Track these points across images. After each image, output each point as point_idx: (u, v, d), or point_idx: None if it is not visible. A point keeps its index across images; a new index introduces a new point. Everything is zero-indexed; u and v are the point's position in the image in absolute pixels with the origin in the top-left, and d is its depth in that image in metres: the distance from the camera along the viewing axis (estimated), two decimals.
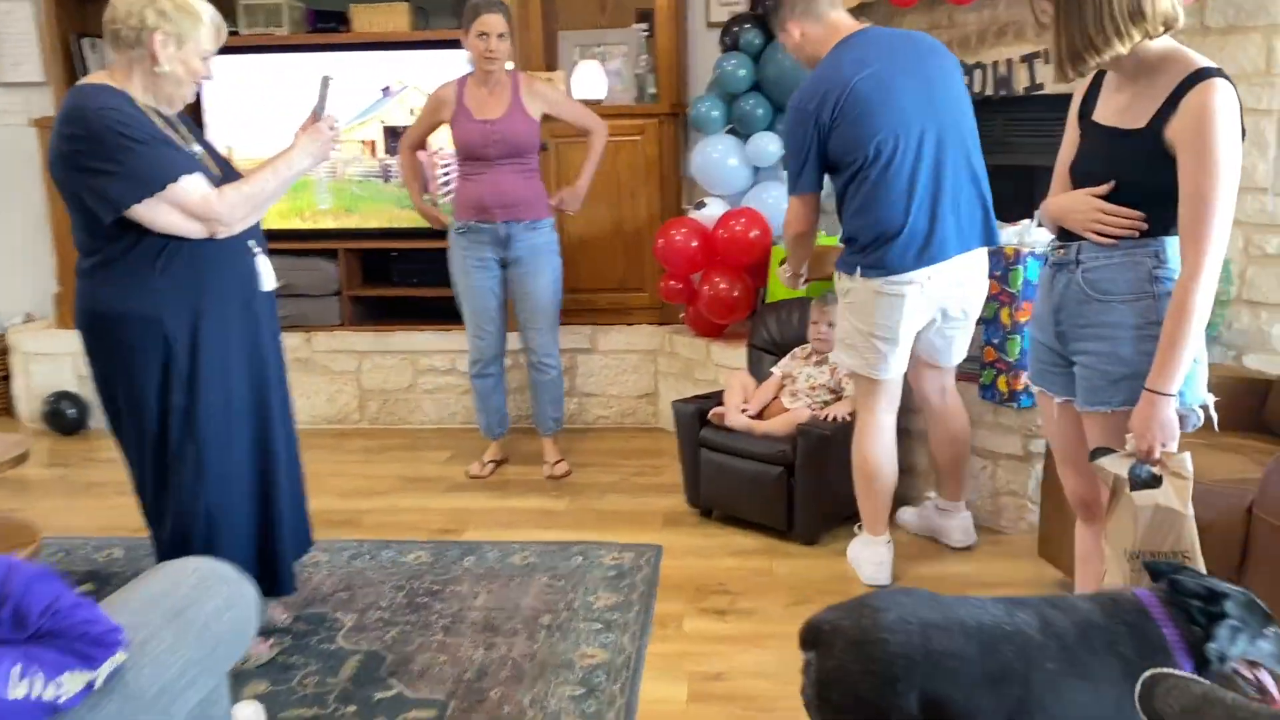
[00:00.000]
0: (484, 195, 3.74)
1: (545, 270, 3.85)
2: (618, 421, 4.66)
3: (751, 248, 4.02)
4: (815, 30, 2.81)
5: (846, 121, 2.70)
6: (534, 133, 3.78)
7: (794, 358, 3.57)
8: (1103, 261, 2.09)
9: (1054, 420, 2.31)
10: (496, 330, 3.91)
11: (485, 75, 3.70)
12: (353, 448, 4.48)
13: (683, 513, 3.63)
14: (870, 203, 2.74)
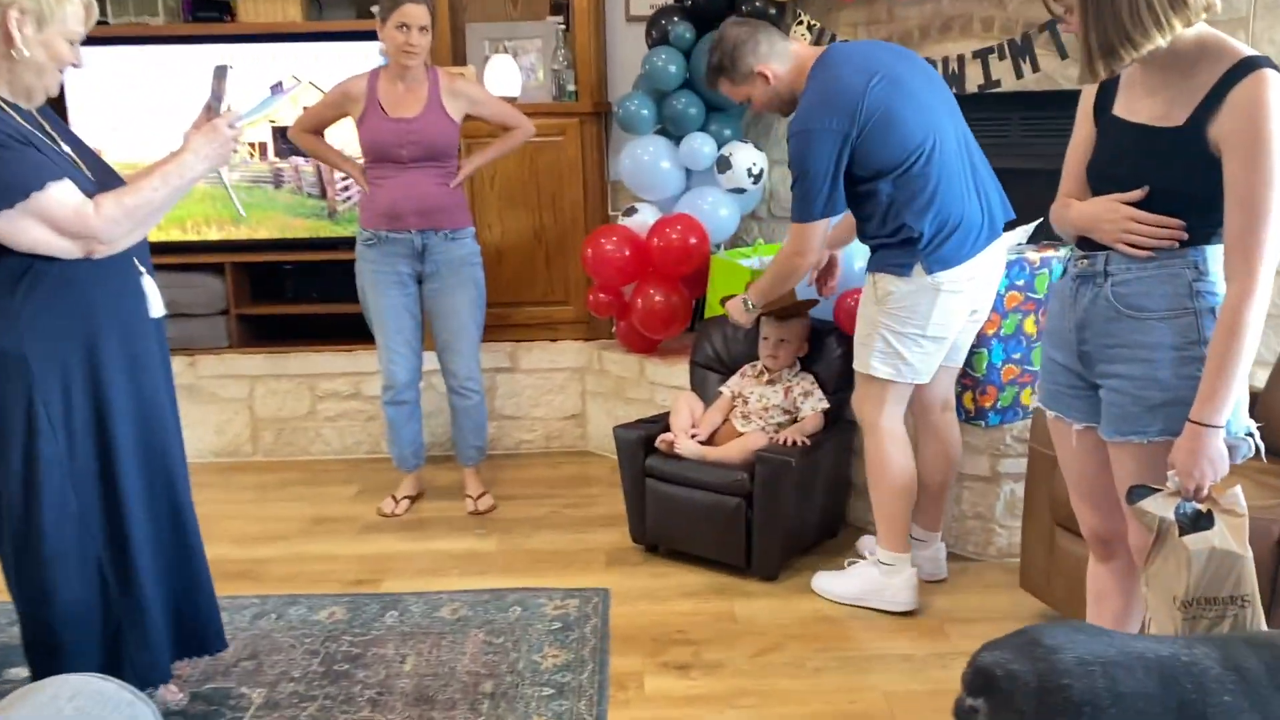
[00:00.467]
0: (397, 201, 3.36)
1: (467, 285, 3.49)
2: (543, 446, 4.30)
3: (689, 256, 3.73)
4: (784, 68, 2.70)
5: (879, 127, 2.55)
6: (454, 135, 3.43)
7: (744, 376, 3.29)
8: (1135, 274, 1.85)
9: (1071, 449, 2.07)
10: (412, 353, 3.53)
11: (402, 70, 3.33)
12: (246, 484, 4.02)
13: (626, 549, 3.30)
14: (934, 197, 2.58)
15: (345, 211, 4.20)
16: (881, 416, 2.77)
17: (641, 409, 4.00)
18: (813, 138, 2.56)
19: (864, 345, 2.74)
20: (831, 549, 3.26)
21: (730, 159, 3.78)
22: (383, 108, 3.34)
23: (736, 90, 2.74)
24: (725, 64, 2.70)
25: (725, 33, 2.71)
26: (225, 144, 2.11)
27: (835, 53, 2.69)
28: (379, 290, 3.44)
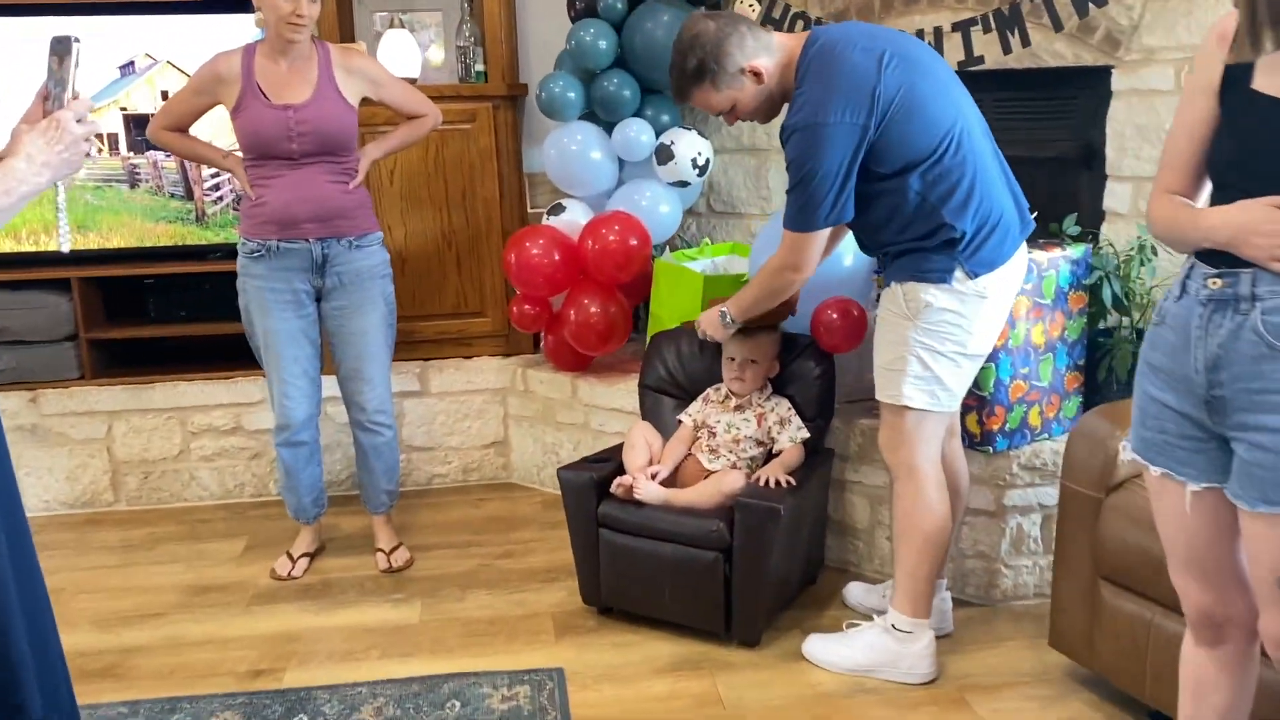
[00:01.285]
0: (290, 205, 2.80)
1: (376, 302, 2.95)
2: (460, 479, 3.76)
3: (629, 261, 3.23)
4: (773, 62, 2.26)
5: (902, 113, 2.15)
6: (352, 122, 2.87)
7: (707, 402, 2.82)
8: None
9: (1181, 513, 1.66)
10: (310, 384, 2.95)
11: (285, 46, 2.76)
12: (107, 542, 3.37)
13: (577, 612, 2.80)
14: (973, 188, 2.20)
15: (216, 215, 3.56)
16: (918, 456, 2.34)
17: (575, 435, 3.51)
18: (824, 133, 2.12)
19: (893, 371, 2.30)
20: (813, 599, 2.83)
21: (672, 148, 3.29)
22: (263, 92, 2.77)
23: (720, 97, 2.28)
24: (710, 65, 2.22)
25: (699, 29, 2.24)
26: (73, 146, 1.52)
27: (830, 35, 2.23)
28: (269, 312, 2.86)
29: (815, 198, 2.17)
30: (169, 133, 2.90)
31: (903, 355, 2.27)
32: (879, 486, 2.90)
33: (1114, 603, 2.18)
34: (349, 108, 2.85)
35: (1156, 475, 1.66)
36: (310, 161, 2.80)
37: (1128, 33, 2.83)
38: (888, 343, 2.31)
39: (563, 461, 3.56)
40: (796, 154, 2.17)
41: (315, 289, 2.90)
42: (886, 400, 2.34)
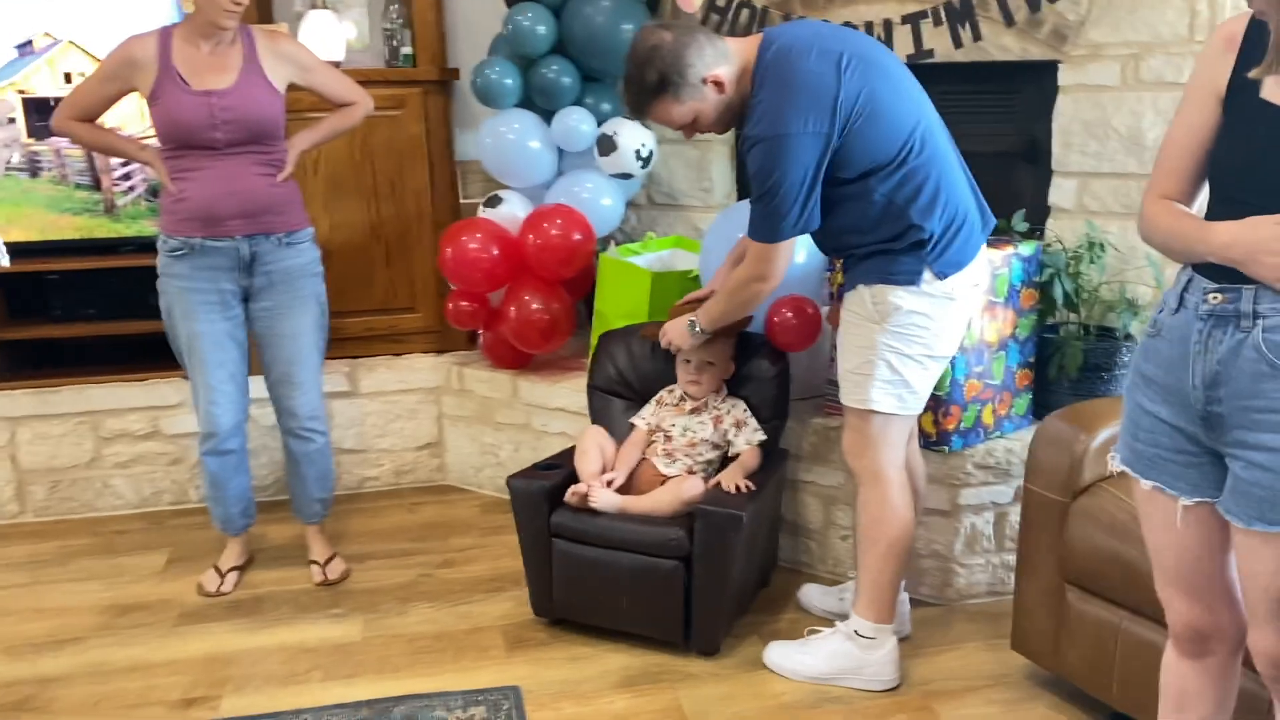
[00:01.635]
0: (215, 200, 2.61)
1: (308, 302, 2.80)
2: (392, 483, 3.61)
3: (572, 256, 3.13)
4: (730, 70, 2.17)
5: (864, 119, 2.08)
6: (279, 109, 2.69)
7: (661, 405, 2.73)
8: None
9: (1171, 528, 1.63)
10: (237, 390, 2.79)
11: (213, 31, 2.57)
12: (16, 557, 3.14)
13: (527, 624, 2.70)
14: (939, 188, 2.16)
15: (126, 206, 3.34)
16: (883, 460, 2.30)
17: (515, 435, 3.40)
18: (785, 144, 2.06)
19: (860, 375, 2.25)
20: (768, 602, 2.78)
21: (615, 139, 3.18)
22: (182, 77, 2.57)
23: (682, 110, 2.18)
24: (672, 78, 2.13)
25: (656, 40, 2.14)
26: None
27: (784, 40, 2.15)
28: (194, 314, 2.68)
29: (781, 209, 2.11)
30: (76, 123, 2.68)
31: (870, 359, 2.22)
32: (833, 486, 2.86)
33: (1080, 607, 2.18)
34: (276, 94, 2.67)
35: (1147, 489, 1.64)
36: (235, 152, 2.61)
37: (1075, 28, 2.82)
38: (854, 347, 2.26)
39: (502, 463, 3.47)
40: (759, 165, 2.10)
41: (243, 289, 2.72)
42: (853, 405, 2.29)
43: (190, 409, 3.34)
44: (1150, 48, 2.75)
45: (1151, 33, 2.74)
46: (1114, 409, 2.26)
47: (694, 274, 3.07)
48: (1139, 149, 2.80)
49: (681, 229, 3.60)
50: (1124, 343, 2.76)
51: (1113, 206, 2.87)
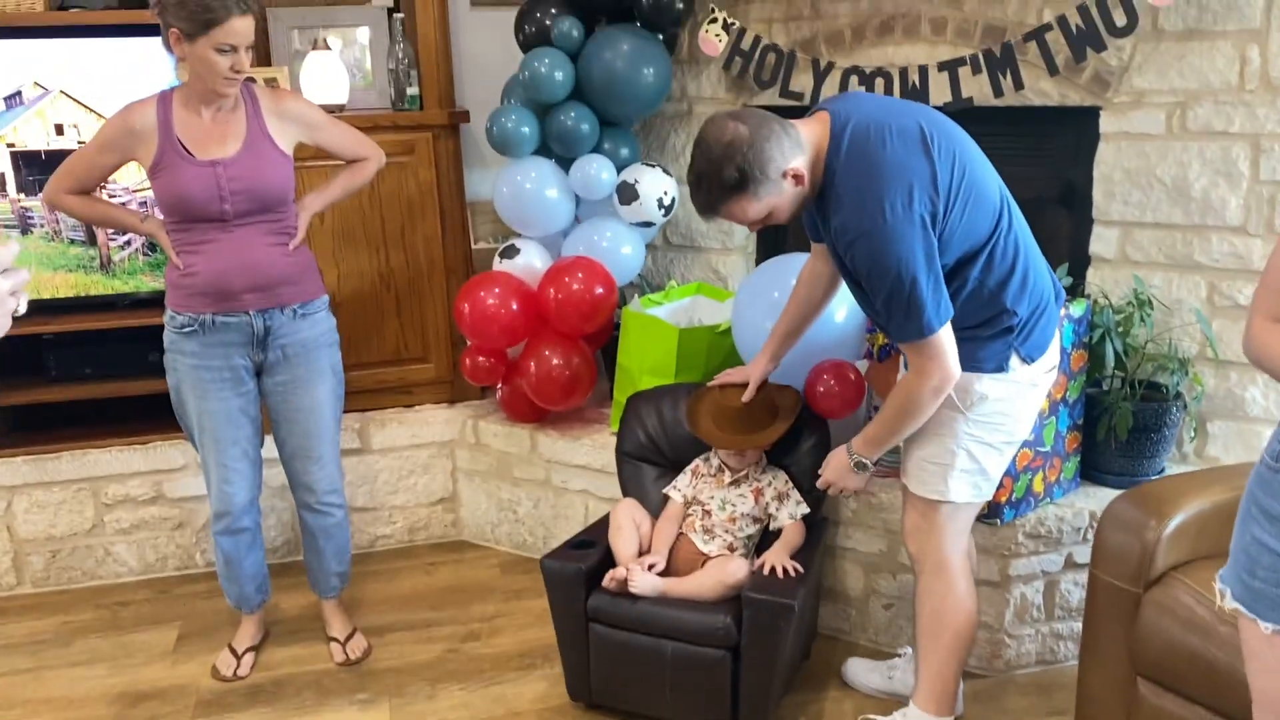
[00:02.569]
0: (225, 274, 2.47)
1: (324, 374, 2.67)
2: (406, 540, 3.49)
3: (595, 310, 3.01)
4: (805, 159, 1.99)
5: (963, 199, 1.95)
6: (289, 174, 2.54)
7: (698, 475, 2.62)
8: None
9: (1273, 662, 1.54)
10: (251, 467, 2.66)
11: (212, 98, 2.42)
12: (16, 636, 2.99)
13: (562, 708, 2.59)
14: (1027, 269, 2.05)
15: (123, 262, 3.19)
16: (949, 548, 2.20)
17: (535, 491, 3.28)
18: (894, 232, 1.88)
19: (936, 465, 2.13)
20: (811, 678, 2.68)
21: (636, 187, 3.06)
22: (185, 148, 2.42)
23: (759, 206, 1.98)
24: (754, 174, 1.93)
25: (732, 135, 1.93)
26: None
27: (856, 118, 1.97)
28: (205, 392, 2.55)
29: (915, 301, 1.91)
30: (71, 196, 2.51)
31: (950, 449, 2.11)
32: (874, 553, 2.76)
33: (1155, 701, 2.08)
34: (284, 158, 2.53)
35: (1267, 632, 1.53)
36: (245, 223, 2.47)
37: (1117, 74, 2.72)
38: (932, 435, 2.13)
39: (520, 519, 3.35)
40: (870, 262, 1.91)
41: (255, 364, 2.59)
42: (928, 496, 2.17)
43: (195, 471, 3.24)
44: (1198, 96, 2.65)
45: (1200, 80, 2.64)
46: (1184, 490, 2.18)
47: (722, 328, 2.96)
48: (1184, 199, 2.71)
49: (699, 272, 3.49)
50: (1173, 402, 2.67)
51: (1156, 257, 2.78)
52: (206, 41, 2.27)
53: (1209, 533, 2.13)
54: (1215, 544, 2.15)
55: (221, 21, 2.25)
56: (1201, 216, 2.71)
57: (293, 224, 2.58)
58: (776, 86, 3.07)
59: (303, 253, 2.61)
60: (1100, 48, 2.65)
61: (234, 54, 2.31)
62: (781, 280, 2.73)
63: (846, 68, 2.99)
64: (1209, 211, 2.70)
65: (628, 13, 3.14)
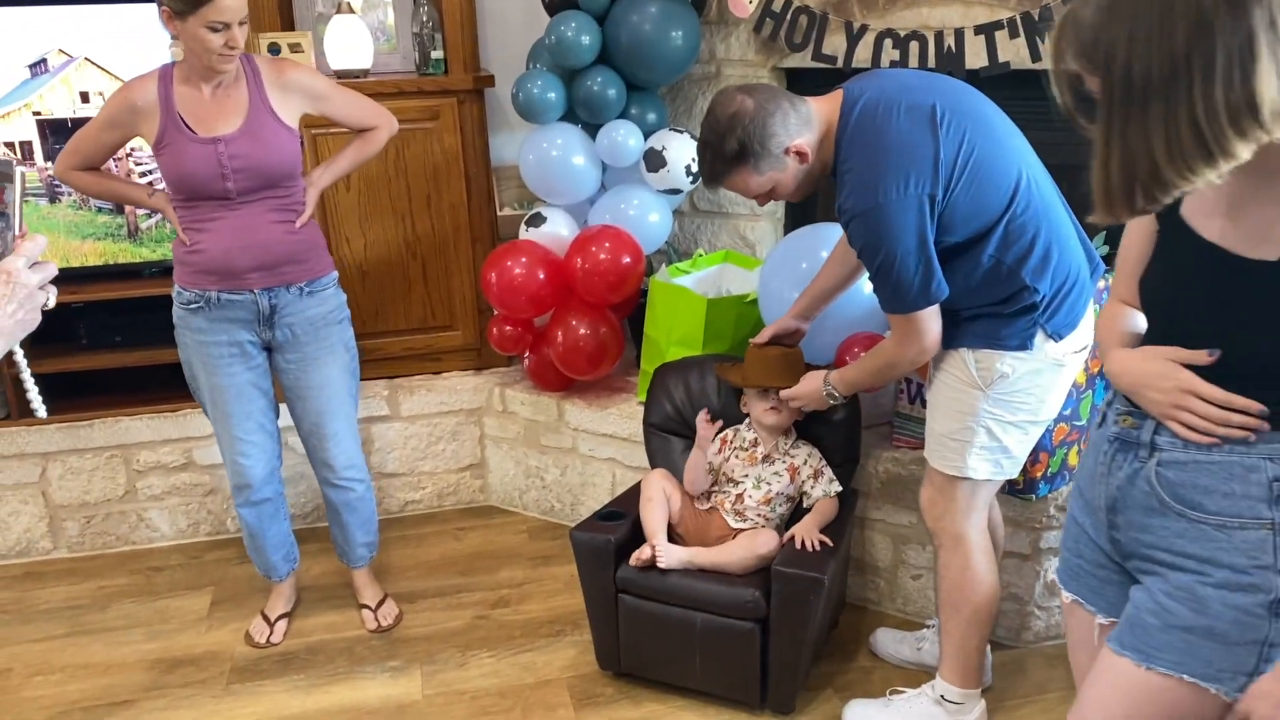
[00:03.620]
0: (230, 253, 2.44)
1: (336, 351, 2.63)
2: (434, 505, 3.51)
3: (623, 280, 2.99)
4: (814, 137, 2.02)
5: (969, 175, 1.93)
6: (295, 149, 2.48)
7: (731, 448, 2.60)
8: (1194, 456, 1.32)
9: (1091, 644, 1.55)
10: (267, 438, 2.66)
11: (209, 74, 2.36)
12: (53, 600, 3.04)
13: (591, 676, 2.61)
14: (1049, 246, 2.00)
15: (151, 230, 3.19)
16: (968, 524, 2.19)
17: (562, 459, 3.29)
18: (886, 213, 1.90)
19: (956, 441, 2.12)
20: (839, 647, 2.69)
21: (664, 153, 3.02)
22: (187, 124, 2.37)
23: (760, 180, 2.03)
24: (755, 148, 1.98)
25: (737, 107, 1.98)
26: (28, 301, 1.24)
27: (867, 96, 1.99)
28: (214, 367, 2.54)
29: (902, 281, 1.95)
30: (79, 173, 2.49)
31: (969, 426, 2.10)
32: (903, 525, 2.75)
33: None
34: (290, 132, 2.46)
35: (1068, 602, 1.57)
36: (250, 200, 2.42)
37: None
38: (951, 411, 2.13)
39: (548, 486, 3.37)
40: (863, 241, 1.95)
41: (264, 341, 2.57)
42: (946, 471, 2.16)
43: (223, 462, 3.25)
44: None
45: None
46: None
47: (750, 298, 2.93)
48: None
49: (727, 238, 3.45)
50: None
51: None
52: (197, 20, 2.21)
53: None
54: None
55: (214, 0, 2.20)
56: None
57: (300, 199, 2.54)
58: (809, 49, 3.01)
59: (310, 229, 2.57)
60: None
61: (227, 31, 2.25)
62: (810, 251, 2.70)
63: (880, 30, 2.93)
64: None
65: None
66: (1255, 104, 1.05)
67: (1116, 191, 1.14)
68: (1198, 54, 1.05)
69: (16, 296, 1.21)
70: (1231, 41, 1.04)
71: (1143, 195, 1.13)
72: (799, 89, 3.22)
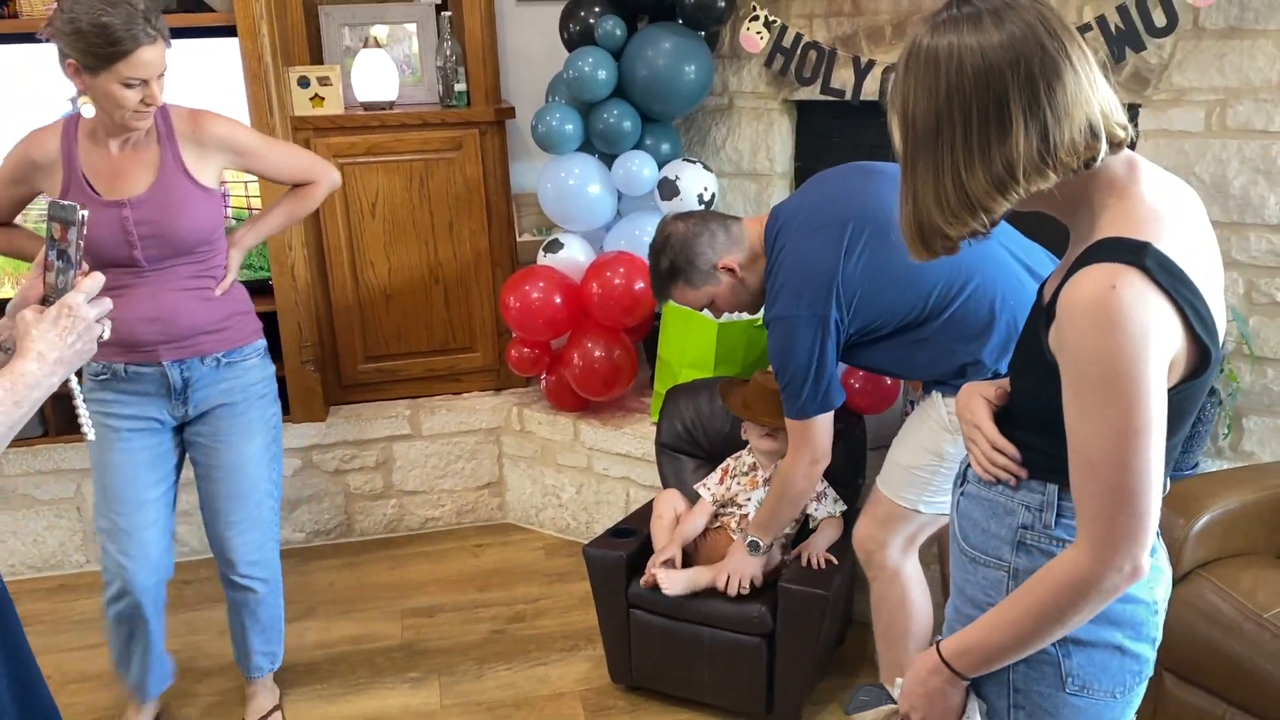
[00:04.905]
0: (134, 327, 2.17)
1: (254, 429, 2.36)
2: (454, 522, 3.61)
3: (636, 304, 3.09)
4: (744, 254, 2.25)
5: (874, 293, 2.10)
6: (209, 212, 2.23)
7: (730, 475, 2.68)
8: (980, 490, 1.36)
9: None
10: (160, 536, 2.34)
11: (119, 130, 2.11)
12: (85, 612, 3.16)
13: (604, 689, 2.70)
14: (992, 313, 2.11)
15: None
16: (906, 560, 2.29)
17: (577, 478, 3.39)
18: (788, 327, 2.12)
19: (917, 476, 2.19)
20: (844, 663, 2.76)
21: (677, 183, 3.14)
22: (90, 184, 2.12)
23: (696, 294, 2.29)
24: (681, 265, 2.24)
25: (669, 230, 2.27)
26: (86, 333, 1.34)
27: (788, 219, 2.19)
28: (110, 442, 2.24)
29: (797, 389, 2.15)
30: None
31: (933, 465, 2.17)
32: None
33: (1180, 695, 2.15)
34: (205, 194, 2.20)
35: None
36: (161, 268, 2.17)
37: (1157, 72, 2.74)
38: (919, 447, 2.20)
39: (564, 504, 3.46)
40: (771, 346, 2.17)
41: (176, 418, 2.30)
42: (900, 502, 2.23)
43: None
44: (1238, 94, 2.67)
45: (1240, 78, 2.65)
46: (1211, 490, 2.23)
47: (760, 322, 3.02)
48: (1223, 197, 2.73)
49: None
50: (1208, 398, 2.70)
51: None
52: (110, 75, 1.96)
53: (1236, 532, 2.18)
54: (1243, 543, 2.21)
55: (128, 54, 1.94)
56: (1240, 214, 2.72)
57: (221, 264, 2.29)
58: (818, 83, 3.12)
59: (231, 296, 2.31)
60: (1140, 47, 2.67)
61: (144, 86, 2.01)
62: None
63: (887, 65, 3.03)
64: (1248, 209, 2.71)
65: (670, 11, 3.20)
66: (1011, 162, 1.12)
67: (912, 233, 1.22)
68: (957, 111, 1.12)
69: (76, 329, 1.32)
70: (986, 102, 1.11)
71: (933, 239, 1.20)
72: (809, 121, 3.35)
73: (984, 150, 1.12)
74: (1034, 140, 1.11)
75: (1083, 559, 1.16)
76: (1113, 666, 1.29)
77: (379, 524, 3.53)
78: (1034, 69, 1.11)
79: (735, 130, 3.42)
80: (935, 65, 1.13)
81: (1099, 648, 1.27)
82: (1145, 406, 1.09)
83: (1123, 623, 1.27)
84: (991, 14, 1.13)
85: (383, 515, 3.52)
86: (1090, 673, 1.28)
